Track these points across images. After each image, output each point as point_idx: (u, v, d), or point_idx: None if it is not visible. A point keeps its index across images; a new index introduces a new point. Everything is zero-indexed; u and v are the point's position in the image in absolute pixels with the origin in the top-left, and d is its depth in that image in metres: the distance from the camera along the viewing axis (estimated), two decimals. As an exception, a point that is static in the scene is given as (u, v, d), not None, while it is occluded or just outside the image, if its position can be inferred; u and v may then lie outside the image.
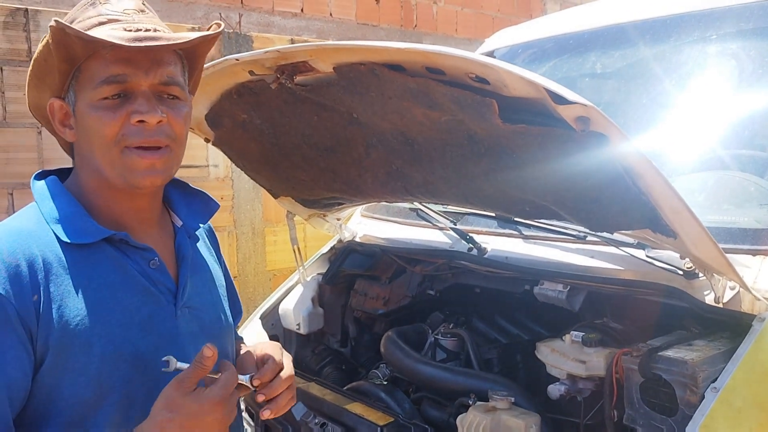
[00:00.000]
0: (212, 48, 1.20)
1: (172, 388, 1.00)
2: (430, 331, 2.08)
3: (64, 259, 1.04)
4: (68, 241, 1.05)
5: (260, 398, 1.12)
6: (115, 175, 1.08)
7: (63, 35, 1.02)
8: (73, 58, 1.05)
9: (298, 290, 2.41)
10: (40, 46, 1.09)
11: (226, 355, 1.26)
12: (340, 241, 2.45)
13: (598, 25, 2.40)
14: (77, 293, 1.03)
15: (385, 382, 2.01)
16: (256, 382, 1.12)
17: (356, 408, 1.79)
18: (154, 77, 1.06)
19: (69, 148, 1.19)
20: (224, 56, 1.58)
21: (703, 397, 1.34)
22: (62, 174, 1.17)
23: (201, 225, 1.28)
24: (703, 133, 1.93)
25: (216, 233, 1.41)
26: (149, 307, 1.12)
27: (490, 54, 2.75)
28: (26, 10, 3.04)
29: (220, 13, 4.46)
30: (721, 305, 1.51)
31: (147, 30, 1.06)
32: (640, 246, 1.64)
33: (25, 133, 2.73)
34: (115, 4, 1.09)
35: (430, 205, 2.19)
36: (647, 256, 1.62)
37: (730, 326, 1.50)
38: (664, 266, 1.59)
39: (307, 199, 2.22)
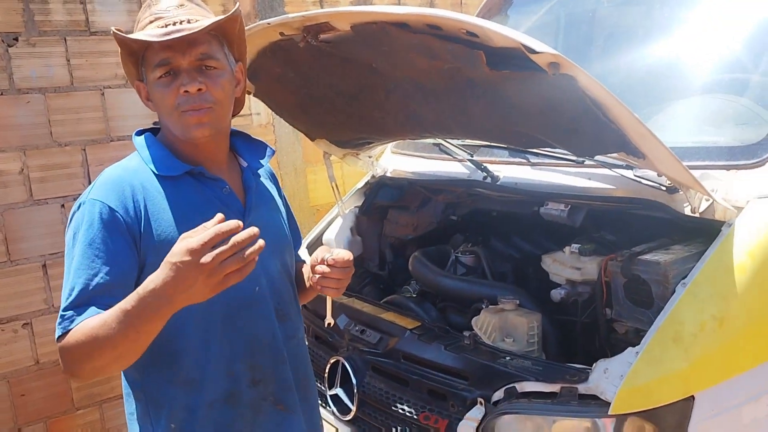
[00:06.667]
0: (238, 23, 1.43)
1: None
2: (452, 251, 2.36)
3: (159, 186, 1.37)
4: (160, 173, 1.38)
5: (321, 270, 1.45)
6: (178, 132, 1.39)
7: (120, 39, 1.35)
8: (134, 52, 1.38)
9: (339, 222, 2.67)
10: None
11: (285, 265, 1.54)
12: (373, 176, 2.70)
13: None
14: (170, 210, 1.36)
15: (415, 295, 2.32)
16: (330, 261, 1.45)
17: (390, 316, 2.07)
18: (190, 56, 1.35)
19: None
20: (258, 13, 1.82)
21: (674, 292, 1.59)
22: (153, 130, 1.49)
23: (262, 164, 1.56)
24: (691, 59, 2.10)
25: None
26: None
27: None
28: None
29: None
30: (697, 215, 1.71)
31: (179, 23, 1.34)
32: (628, 167, 1.86)
33: (90, 95, 3.00)
34: (161, 3, 1.39)
35: (450, 140, 2.43)
36: (635, 176, 1.83)
37: (704, 233, 1.72)
38: (649, 183, 1.80)
39: (340, 140, 2.47)
